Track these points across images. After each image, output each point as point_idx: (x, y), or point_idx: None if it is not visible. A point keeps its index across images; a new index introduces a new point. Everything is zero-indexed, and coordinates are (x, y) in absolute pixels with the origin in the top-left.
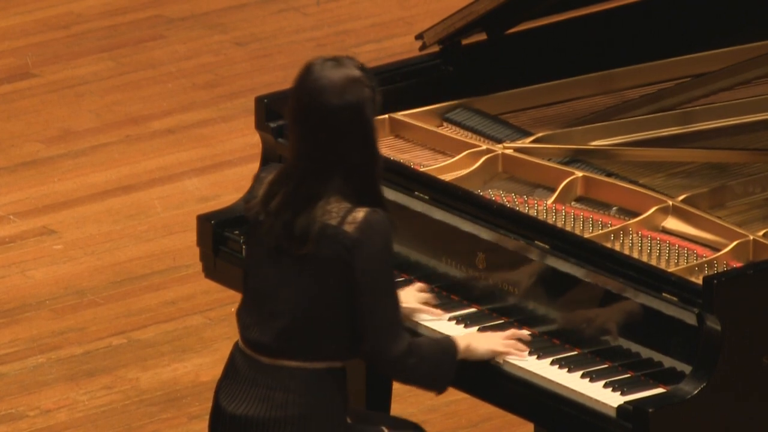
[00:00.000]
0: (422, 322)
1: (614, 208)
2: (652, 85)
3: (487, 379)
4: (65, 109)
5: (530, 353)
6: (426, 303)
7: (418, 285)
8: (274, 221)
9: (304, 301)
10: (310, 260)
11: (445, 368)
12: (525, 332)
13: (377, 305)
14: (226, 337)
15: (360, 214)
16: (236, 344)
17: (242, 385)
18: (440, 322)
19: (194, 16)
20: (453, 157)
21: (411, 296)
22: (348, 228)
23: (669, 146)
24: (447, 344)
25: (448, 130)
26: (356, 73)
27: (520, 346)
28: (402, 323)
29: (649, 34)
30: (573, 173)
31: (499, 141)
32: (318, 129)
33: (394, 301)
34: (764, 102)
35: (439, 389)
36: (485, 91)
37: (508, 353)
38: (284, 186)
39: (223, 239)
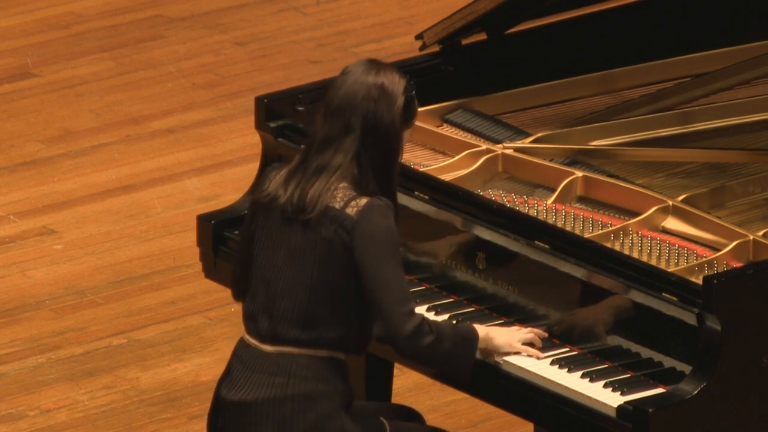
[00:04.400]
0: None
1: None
2: (652, 85)
3: (487, 379)
4: (65, 109)
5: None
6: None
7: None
8: (293, 192)
9: (306, 283)
10: (312, 242)
11: (466, 351)
12: (542, 332)
13: (382, 282)
14: (226, 337)
15: (363, 200)
16: (240, 340)
17: (243, 373)
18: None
19: (194, 16)
20: (453, 157)
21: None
22: (350, 211)
23: (669, 146)
24: (466, 328)
25: (448, 131)
26: (393, 80)
27: (536, 349)
28: (411, 301)
29: (649, 34)
30: (573, 173)
31: (499, 141)
32: (343, 125)
33: (400, 278)
34: (764, 102)
35: (461, 374)
36: (485, 91)
37: (525, 351)
38: (301, 165)
39: (223, 239)
